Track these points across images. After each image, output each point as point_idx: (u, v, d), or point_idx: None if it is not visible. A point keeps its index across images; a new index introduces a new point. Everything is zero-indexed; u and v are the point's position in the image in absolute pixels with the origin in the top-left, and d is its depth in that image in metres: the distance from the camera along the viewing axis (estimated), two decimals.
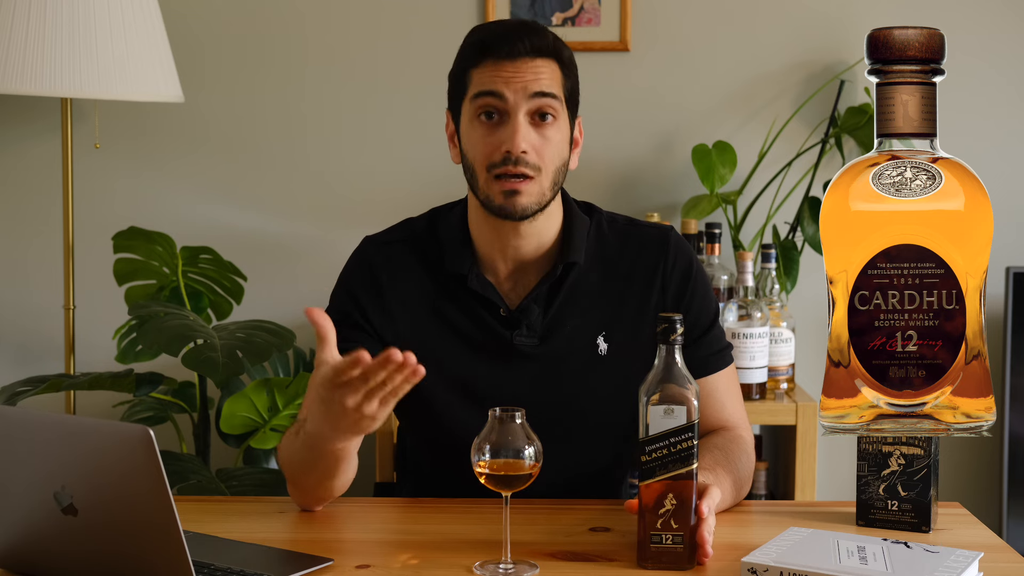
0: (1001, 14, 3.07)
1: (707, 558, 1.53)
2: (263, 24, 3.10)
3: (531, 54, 1.80)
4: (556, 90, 1.82)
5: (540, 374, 1.87)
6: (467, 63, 1.84)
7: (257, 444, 2.75)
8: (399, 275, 1.90)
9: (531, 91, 1.79)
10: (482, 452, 1.53)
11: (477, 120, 1.82)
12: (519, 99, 1.79)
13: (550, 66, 1.82)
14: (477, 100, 1.81)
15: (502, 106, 1.80)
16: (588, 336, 1.88)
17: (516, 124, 1.79)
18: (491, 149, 1.80)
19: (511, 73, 1.79)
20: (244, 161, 3.12)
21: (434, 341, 1.87)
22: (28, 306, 3.13)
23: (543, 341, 1.87)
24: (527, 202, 1.81)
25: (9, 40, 2.66)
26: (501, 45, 1.80)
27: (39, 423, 1.42)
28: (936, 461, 1.72)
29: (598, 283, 1.90)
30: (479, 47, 1.82)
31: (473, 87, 1.82)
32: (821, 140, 3.02)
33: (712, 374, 1.91)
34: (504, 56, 1.80)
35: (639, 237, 1.94)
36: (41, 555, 1.48)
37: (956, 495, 2.89)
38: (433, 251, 1.91)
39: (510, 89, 1.79)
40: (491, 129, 1.81)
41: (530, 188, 1.80)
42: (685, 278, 1.91)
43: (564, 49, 1.85)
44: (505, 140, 1.79)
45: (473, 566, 1.54)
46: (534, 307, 1.87)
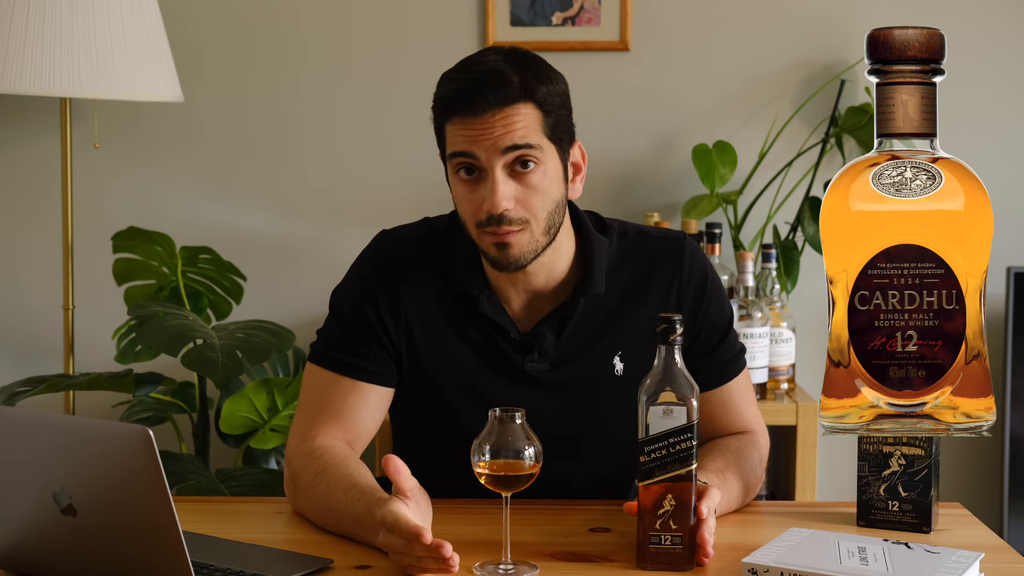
0: (1001, 14, 3.06)
1: (708, 558, 1.53)
2: (262, 24, 3.10)
3: (498, 105, 1.69)
4: (532, 137, 1.71)
5: (553, 400, 1.82)
6: (439, 118, 1.76)
7: (257, 444, 2.75)
8: (413, 274, 1.85)
9: (502, 147, 1.69)
10: (482, 453, 1.53)
11: (457, 177, 1.75)
12: (492, 156, 1.70)
13: (523, 111, 1.70)
14: (453, 160, 1.74)
15: (477, 164, 1.71)
16: (604, 358, 1.84)
17: (493, 182, 1.70)
18: (475, 208, 1.73)
19: (479, 131, 1.69)
20: (244, 161, 3.12)
21: (446, 346, 1.84)
22: (27, 306, 3.13)
23: (556, 367, 1.83)
24: (518, 253, 1.74)
25: (9, 40, 2.66)
26: (464, 103, 1.70)
27: (38, 423, 1.42)
28: (937, 461, 1.71)
29: (613, 303, 1.85)
30: (444, 105, 1.73)
31: (448, 145, 1.75)
32: (821, 140, 3.02)
33: (729, 381, 1.89)
34: (469, 113, 1.70)
35: (652, 250, 1.88)
36: (40, 555, 1.47)
37: (957, 495, 2.89)
38: (447, 261, 1.85)
39: (480, 148, 1.70)
40: (472, 186, 1.73)
41: (520, 239, 1.73)
42: (700, 291, 1.87)
43: (540, 85, 1.72)
44: (486, 198, 1.71)
45: (473, 567, 1.53)
46: (547, 333, 1.82)
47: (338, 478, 1.70)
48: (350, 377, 1.82)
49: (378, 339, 1.83)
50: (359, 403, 1.82)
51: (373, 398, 1.83)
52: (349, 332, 1.85)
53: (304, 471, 1.75)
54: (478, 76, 1.71)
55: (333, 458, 1.74)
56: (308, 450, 1.77)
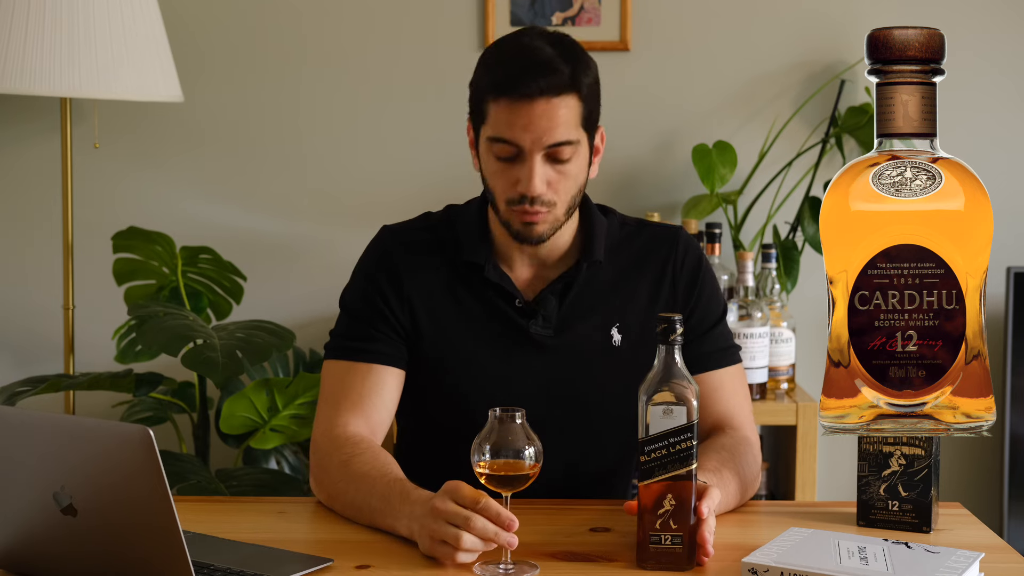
0: (1001, 14, 3.06)
1: (708, 558, 1.54)
2: (262, 24, 3.10)
3: (547, 94, 1.75)
4: (573, 132, 1.78)
5: (555, 364, 1.88)
6: (484, 91, 1.81)
7: (257, 444, 2.75)
8: (416, 261, 1.92)
9: (546, 143, 1.77)
10: (482, 452, 1.53)
11: (492, 155, 1.82)
12: (535, 147, 1.77)
13: (568, 103, 1.77)
14: (493, 144, 1.80)
15: (517, 151, 1.79)
16: (603, 327, 1.90)
17: (531, 167, 1.78)
18: (507, 185, 1.81)
19: (525, 119, 1.75)
20: (244, 161, 3.12)
21: (451, 327, 1.90)
22: (28, 306, 3.13)
23: (558, 332, 1.89)
24: (543, 230, 1.83)
25: (9, 40, 2.66)
26: (514, 88, 1.75)
27: (39, 423, 1.42)
28: (937, 461, 1.71)
29: (612, 276, 1.92)
30: (493, 83, 1.78)
31: (489, 124, 1.80)
32: (821, 140, 3.02)
33: (717, 369, 1.92)
34: (518, 97, 1.75)
35: (651, 233, 1.97)
36: (41, 555, 1.47)
37: (957, 495, 2.89)
38: (451, 240, 1.93)
39: (526, 137, 1.76)
40: (507, 165, 1.81)
41: (546, 218, 1.82)
42: (695, 273, 1.94)
43: (584, 76, 1.79)
44: (521, 180, 1.79)
45: (474, 566, 1.54)
46: (550, 298, 1.89)
47: (371, 464, 1.74)
48: (364, 362, 1.87)
49: (385, 320, 1.89)
50: (377, 386, 1.87)
51: (388, 380, 1.88)
52: (357, 321, 1.91)
53: (334, 455, 1.79)
54: (530, 64, 1.76)
55: (369, 447, 1.79)
56: (338, 436, 1.82)
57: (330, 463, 1.79)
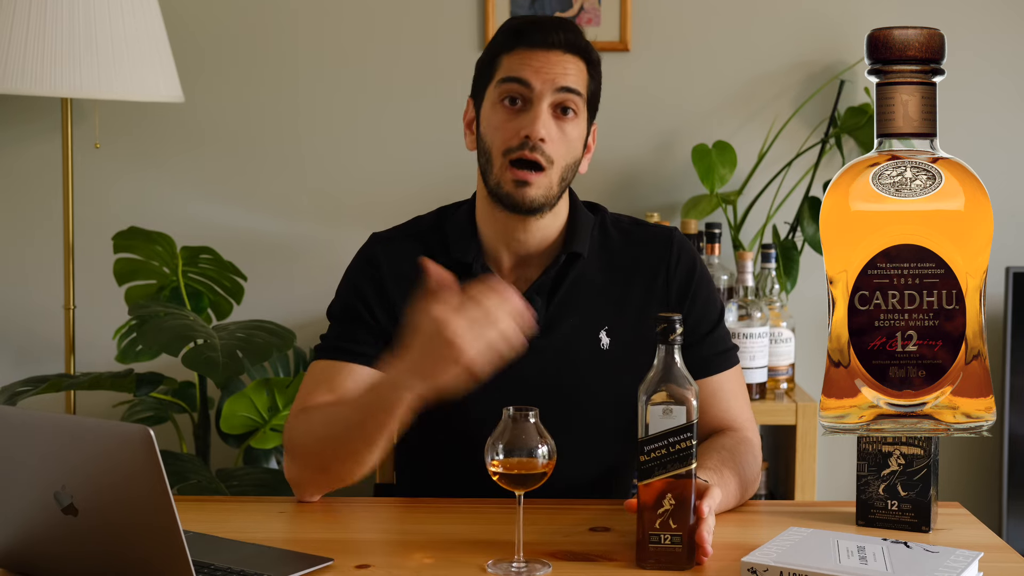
0: (1001, 14, 3.07)
1: (707, 557, 1.54)
2: (263, 24, 3.10)
3: (563, 48, 1.84)
4: (581, 88, 1.85)
5: (541, 365, 1.87)
6: (499, 49, 1.87)
7: (257, 444, 2.75)
8: (402, 268, 1.90)
9: (558, 84, 1.83)
10: (496, 451, 1.53)
11: (500, 104, 1.85)
12: (545, 89, 1.82)
13: (579, 64, 1.86)
14: (503, 85, 1.84)
15: (527, 93, 1.83)
16: (590, 330, 1.89)
17: (539, 111, 1.82)
18: (510, 134, 1.83)
19: (541, 63, 1.83)
20: (244, 161, 3.12)
21: None
22: (28, 306, 3.13)
23: (544, 333, 1.87)
24: (535, 194, 1.83)
25: (9, 40, 2.66)
26: (536, 33, 1.84)
27: (39, 423, 1.42)
28: (936, 461, 1.72)
29: (601, 278, 1.91)
30: (513, 33, 1.86)
31: (501, 72, 1.85)
32: (821, 140, 3.02)
33: (717, 373, 1.91)
34: (537, 44, 1.84)
35: (643, 235, 1.97)
36: (41, 555, 1.48)
37: (956, 495, 2.89)
38: (438, 242, 1.93)
39: (538, 78, 1.82)
40: (513, 115, 1.84)
41: (540, 180, 1.83)
42: (689, 276, 1.93)
43: (594, 52, 1.90)
44: (525, 125, 1.82)
45: (486, 564, 1.54)
46: (536, 298, 1.88)
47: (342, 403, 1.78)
48: (342, 360, 1.88)
49: (369, 328, 1.89)
50: (356, 384, 1.86)
51: (365, 379, 1.86)
52: (341, 324, 1.93)
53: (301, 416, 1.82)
54: (553, 19, 1.90)
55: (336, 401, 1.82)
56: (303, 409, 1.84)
57: (299, 423, 1.82)
